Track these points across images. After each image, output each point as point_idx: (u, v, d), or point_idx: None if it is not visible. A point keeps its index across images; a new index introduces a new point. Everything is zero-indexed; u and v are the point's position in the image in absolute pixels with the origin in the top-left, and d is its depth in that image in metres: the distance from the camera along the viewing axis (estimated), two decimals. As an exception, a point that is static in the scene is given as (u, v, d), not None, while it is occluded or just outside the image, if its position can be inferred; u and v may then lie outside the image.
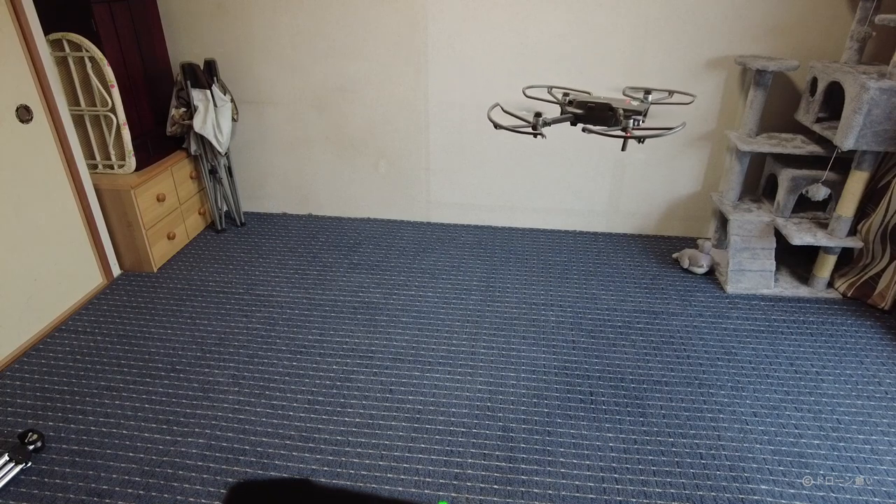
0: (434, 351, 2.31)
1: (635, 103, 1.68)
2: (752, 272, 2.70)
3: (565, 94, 1.81)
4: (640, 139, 1.67)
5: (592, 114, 1.72)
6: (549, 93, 1.95)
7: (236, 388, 2.11)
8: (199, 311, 2.56)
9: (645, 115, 1.80)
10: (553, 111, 1.85)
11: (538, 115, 1.72)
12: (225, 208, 3.35)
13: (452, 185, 3.29)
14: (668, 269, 2.92)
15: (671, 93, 2.11)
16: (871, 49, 2.62)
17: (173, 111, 2.90)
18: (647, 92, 1.87)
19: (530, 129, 1.72)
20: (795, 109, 2.75)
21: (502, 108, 1.96)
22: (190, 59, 2.97)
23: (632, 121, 1.64)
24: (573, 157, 3.10)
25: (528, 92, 2.23)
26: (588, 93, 1.83)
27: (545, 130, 1.78)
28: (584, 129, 1.73)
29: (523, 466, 1.80)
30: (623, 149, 1.74)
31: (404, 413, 2.00)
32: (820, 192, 2.54)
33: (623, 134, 1.63)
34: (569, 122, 1.76)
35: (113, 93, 2.56)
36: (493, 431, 1.92)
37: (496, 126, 1.77)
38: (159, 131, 2.93)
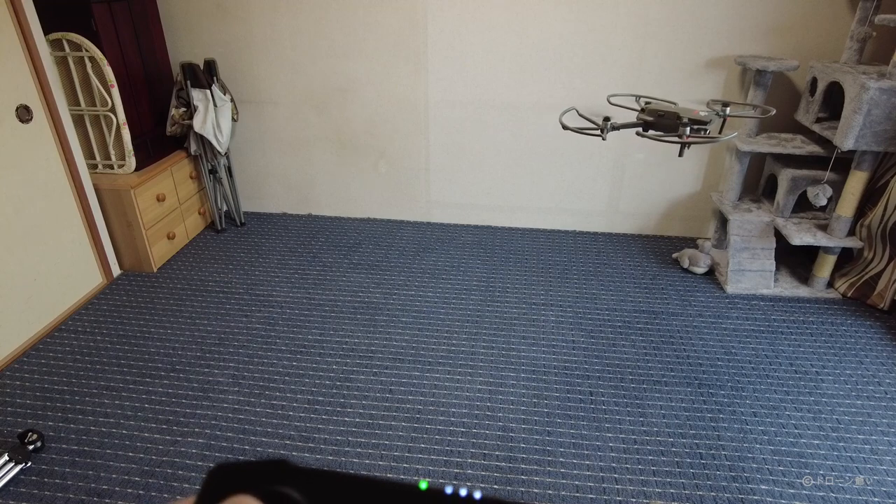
0: (434, 351, 2.31)
1: (703, 114, 1.78)
2: (751, 272, 2.70)
3: (647, 103, 1.94)
4: (687, 146, 1.80)
5: (662, 121, 1.83)
6: (637, 101, 2.07)
7: (236, 388, 2.11)
8: (199, 311, 2.56)
9: (722, 127, 1.97)
10: (623, 114, 1.98)
11: (606, 119, 1.86)
12: (225, 208, 3.35)
13: (452, 185, 3.29)
14: (668, 269, 2.92)
15: (755, 107, 2.19)
16: (871, 49, 2.62)
17: (173, 111, 2.90)
18: (725, 105, 1.96)
19: (598, 132, 1.86)
20: (795, 109, 2.75)
21: (578, 112, 2.11)
22: (190, 59, 2.97)
23: (688, 129, 1.75)
24: (573, 157, 3.11)
25: (613, 100, 2.39)
26: (674, 103, 1.95)
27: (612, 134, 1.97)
28: (637, 133, 1.86)
29: (523, 466, 1.80)
30: (680, 154, 1.91)
31: (404, 413, 2.00)
32: (825, 194, 2.53)
33: (678, 140, 1.77)
34: (641, 128, 1.88)
35: (113, 93, 2.56)
36: (492, 431, 1.92)
37: (564, 127, 1.94)
38: (159, 131, 2.93)
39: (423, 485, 0.26)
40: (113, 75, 2.53)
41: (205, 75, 2.87)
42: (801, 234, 2.56)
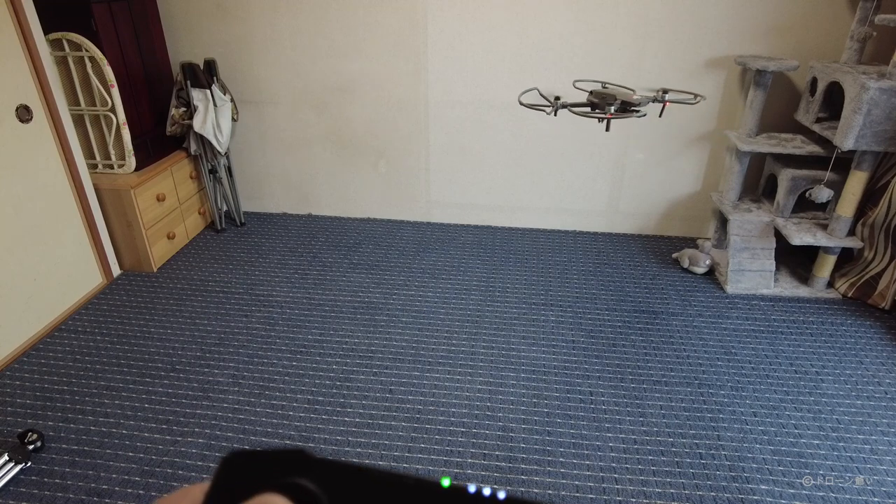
0: (434, 351, 2.31)
1: (636, 97, 2.06)
2: (751, 272, 2.70)
3: (604, 86, 2.27)
4: (602, 121, 2.14)
5: (603, 102, 2.09)
6: (604, 87, 2.35)
7: (236, 388, 2.11)
8: (199, 311, 2.56)
9: (662, 110, 2.36)
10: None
11: (557, 98, 2.18)
12: (225, 208, 3.35)
13: (452, 185, 3.29)
14: (668, 269, 2.92)
15: (696, 96, 2.40)
16: (871, 49, 2.62)
17: (173, 111, 2.90)
18: (665, 91, 2.25)
19: (549, 109, 2.17)
20: (795, 109, 2.75)
21: (539, 92, 2.44)
22: (190, 58, 2.97)
23: (612, 108, 2.05)
24: (573, 157, 3.11)
25: (578, 85, 2.75)
26: (632, 90, 2.23)
27: (565, 112, 2.32)
28: (569, 110, 2.17)
29: (523, 466, 1.80)
30: (607, 129, 2.23)
31: (404, 413, 2.00)
32: (823, 194, 2.53)
33: (603, 115, 2.08)
34: (589, 108, 2.16)
35: (113, 92, 2.56)
36: (492, 431, 1.92)
37: (521, 104, 2.29)
38: (159, 131, 2.93)
39: (446, 482, 0.26)
40: (113, 75, 2.53)
41: (205, 75, 2.87)
42: (801, 234, 2.56)
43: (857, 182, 2.44)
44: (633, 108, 2.06)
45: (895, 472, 1.78)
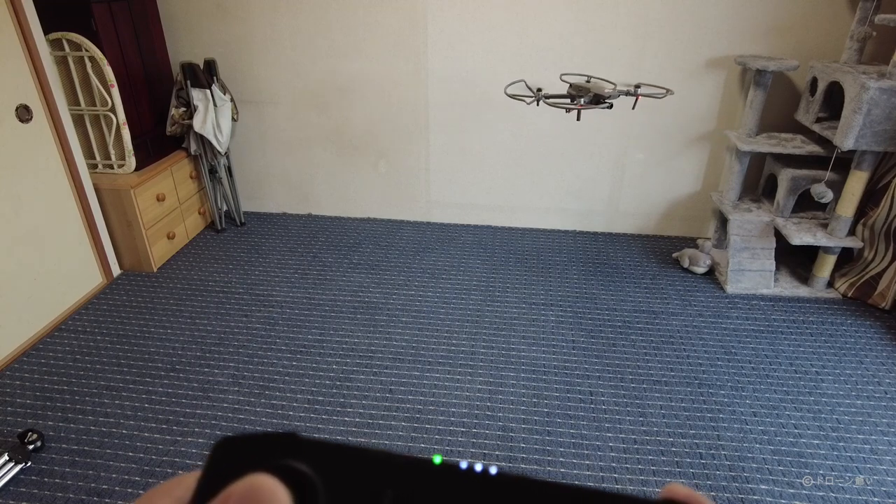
0: (434, 351, 2.31)
1: (607, 90, 2.19)
2: (751, 272, 2.70)
3: (588, 80, 2.39)
4: (573, 112, 2.30)
5: (579, 94, 2.22)
6: (588, 81, 2.46)
7: (236, 388, 2.11)
8: (199, 311, 2.56)
9: (635, 104, 2.53)
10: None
11: (539, 90, 2.31)
12: (225, 208, 3.35)
13: (452, 185, 3.29)
14: (668, 269, 2.92)
15: (667, 90, 2.41)
16: (871, 49, 2.62)
17: (173, 111, 2.90)
18: (637, 86, 2.35)
19: (529, 100, 2.32)
20: (795, 109, 2.75)
21: (525, 84, 2.57)
22: (190, 58, 2.97)
23: (582, 100, 2.19)
24: (573, 157, 3.10)
25: (565, 78, 2.79)
26: (613, 84, 2.32)
27: (547, 106, 2.41)
28: (544, 101, 2.29)
29: (523, 466, 1.80)
30: (578, 119, 2.39)
31: (404, 413, 2.00)
32: (818, 191, 2.53)
33: (574, 106, 2.21)
34: (569, 100, 2.25)
35: (113, 92, 2.56)
36: (492, 431, 1.93)
37: (506, 94, 2.43)
38: (159, 131, 2.93)
39: (438, 459, 0.26)
40: (113, 75, 2.53)
41: (205, 75, 2.87)
42: (800, 234, 2.56)
43: (857, 182, 2.44)
44: (604, 100, 2.15)
45: (895, 472, 1.78)
